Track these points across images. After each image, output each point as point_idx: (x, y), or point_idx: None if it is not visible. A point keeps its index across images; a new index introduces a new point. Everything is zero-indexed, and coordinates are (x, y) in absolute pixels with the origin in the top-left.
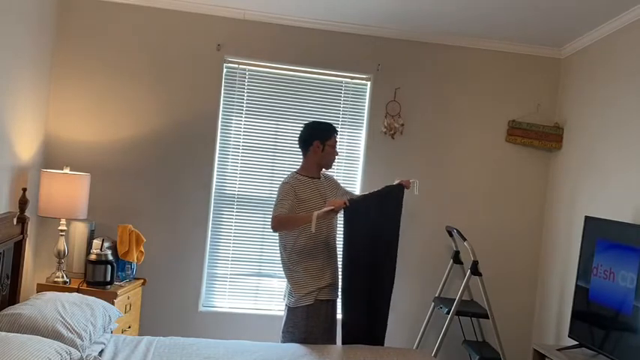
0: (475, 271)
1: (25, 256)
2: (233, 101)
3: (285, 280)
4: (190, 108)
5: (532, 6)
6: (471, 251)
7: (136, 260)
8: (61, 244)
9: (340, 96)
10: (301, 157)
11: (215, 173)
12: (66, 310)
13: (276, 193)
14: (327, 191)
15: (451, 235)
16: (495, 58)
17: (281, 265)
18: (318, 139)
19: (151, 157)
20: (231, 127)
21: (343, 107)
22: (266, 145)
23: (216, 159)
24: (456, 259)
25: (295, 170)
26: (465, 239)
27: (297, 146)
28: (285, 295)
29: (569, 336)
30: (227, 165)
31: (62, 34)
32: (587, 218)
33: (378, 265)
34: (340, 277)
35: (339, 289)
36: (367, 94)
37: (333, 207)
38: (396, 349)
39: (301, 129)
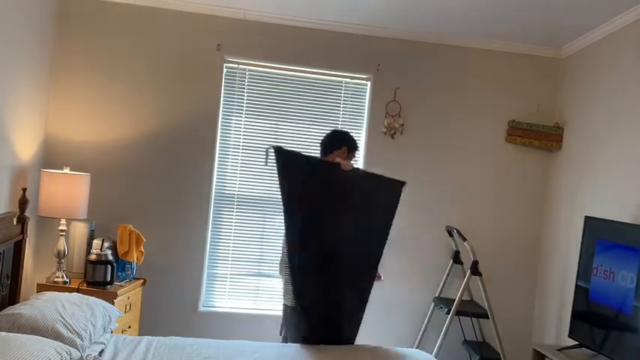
0: (475, 271)
1: (25, 256)
2: (233, 101)
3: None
4: (190, 108)
5: (532, 6)
6: (471, 251)
7: (136, 260)
8: (61, 244)
9: (340, 96)
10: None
11: (215, 173)
12: (66, 310)
13: (276, 193)
14: None
15: (451, 235)
16: (495, 58)
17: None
18: (338, 148)
19: (151, 157)
20: (231, 127)
21: (343, 107)
22: (266, 145)
23: (216, 159)
24: (456, 259)
25: None
26: (464, 239)
27: (298, 146)
28: (284, 294)
29: (569, 336)
30: (227, 165)
31: (62, 34)
32: (587, 218)
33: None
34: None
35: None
36: (367, 94)
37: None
38: (397, 349)
39: (328, 132)
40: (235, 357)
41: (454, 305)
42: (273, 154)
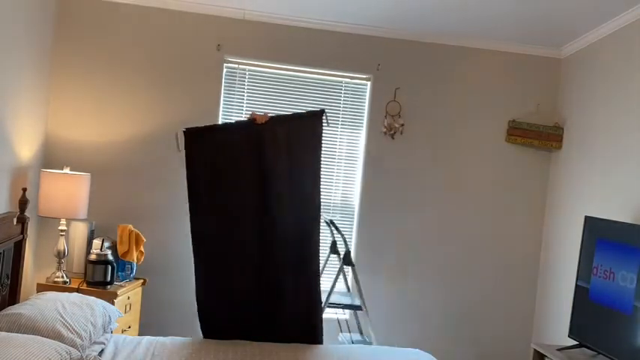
0: (348, 261)
1: (25, 256)
2: (233, 101)
3: None
4: (190, 108)
5: (532, 6)
6: (344, 242)
7: (135, 260)
8: (61, 244)
9: (340, 96)
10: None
11: None
12: (66, 310)
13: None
14: None
15: (329, 225)
16: (495, 58)
17: None
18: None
19: (151, 157)
20: None
21: (343, 107)
22: None
23: None
24: (333, 249)
25: None
26: (337, 229)
27: None
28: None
29: (569, 336)
30: None
31: (62, 34)
32: (587, 218)
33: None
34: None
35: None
36: (367, 94)
37: None
38: (396, 348)
39: None
40: (235, 357)
41: (327, 296)
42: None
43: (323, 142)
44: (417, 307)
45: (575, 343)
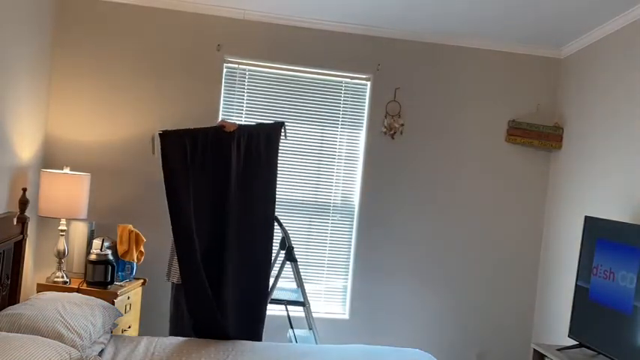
0: (290, 257)
1: (25, 256)
2: (233, 101)
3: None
4: (190, 108)
5: (532, 6)
6: (287, 238)
7: (135, 260)
8: (61, 244)
9: (340, 96)
10: (297, 156)
11: None
12: (66, 310)
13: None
14: None
15: (277, 221)
16: (495, 58)
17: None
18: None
19: (151, 157)
20: None
21: (343, 107)
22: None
23: None
24: (282, 245)
25: None
26: (280, 225)
27: (297, 146)
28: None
29: (569, 336)
30: None
31: (62, 33)
32: (587, 218)
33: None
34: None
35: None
36: (367, 94)
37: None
38: (396, 348)
39: None
40: (236, 357)
41: (269, 292)
42: (159, 140)
43: (280, 152)
44: (416, 306)
45: (575, 343)
